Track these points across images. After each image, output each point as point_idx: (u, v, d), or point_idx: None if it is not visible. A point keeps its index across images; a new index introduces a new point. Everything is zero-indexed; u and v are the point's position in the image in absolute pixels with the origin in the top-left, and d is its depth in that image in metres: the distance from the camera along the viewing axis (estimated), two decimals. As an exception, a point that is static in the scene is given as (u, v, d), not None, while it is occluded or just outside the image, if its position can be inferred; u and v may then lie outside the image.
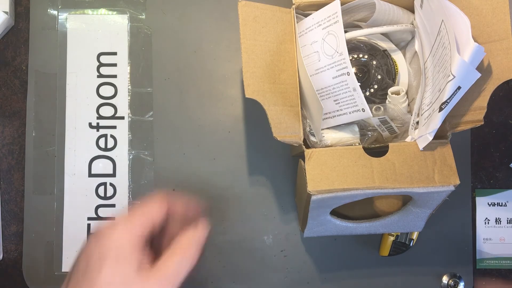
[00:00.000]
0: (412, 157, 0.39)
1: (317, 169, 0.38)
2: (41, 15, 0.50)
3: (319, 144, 0.41)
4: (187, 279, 0.33)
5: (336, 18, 0.38)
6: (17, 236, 0.49)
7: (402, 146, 0.39)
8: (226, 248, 0.49)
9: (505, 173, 0.50)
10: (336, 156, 0.39)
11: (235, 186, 0.50)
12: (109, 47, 0.50)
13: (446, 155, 0.38)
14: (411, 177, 0.38)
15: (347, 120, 0.40)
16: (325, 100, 0.40)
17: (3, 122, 0.50)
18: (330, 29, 0.38)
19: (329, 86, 0.39)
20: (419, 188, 0.38)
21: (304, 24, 0.41)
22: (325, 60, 0.38)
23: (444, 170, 0.38)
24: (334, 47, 0.38)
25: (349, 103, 0.39)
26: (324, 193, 0.38)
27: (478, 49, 0.34)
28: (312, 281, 0.49)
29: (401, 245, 0.48)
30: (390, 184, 0.38)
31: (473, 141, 0.50)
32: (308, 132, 0.41)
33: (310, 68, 0.40)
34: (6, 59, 0.50)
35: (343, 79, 0.38)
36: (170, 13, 0.51)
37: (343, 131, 0.42)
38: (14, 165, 0.50)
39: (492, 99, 0.50)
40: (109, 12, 0.51)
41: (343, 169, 0.39)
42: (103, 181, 0.49)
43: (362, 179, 0.38)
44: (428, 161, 0.38)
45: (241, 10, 0.38)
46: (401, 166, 0.39)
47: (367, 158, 0.39)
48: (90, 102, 0.50)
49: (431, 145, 0.39)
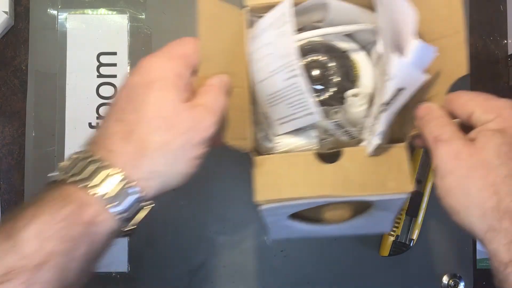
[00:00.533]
0: (365, 163, 0.36)
1: (266, 177, 0.37)
2: (41, 15, 0.50)
3: (274, 150, 0.40)
4: None
5: (286, 18, 0.36)
6: (17, 236, 0.49)
7: (355, 152, 0.37)
8: (226, 248, 0.49)
9: (505, 173, 0.50)
10: (287, 163, 0.37)
11: (235, 185, 0.50)
12: (109, 47, 0.50)
13: (401, 161, 0.36)
14: (363, 184, 0.36)
15: (301, 124, 0.38)
16: (279, 104, 0.38)
17: (3, 122, 0.50)
18: (281, 30, 0.36)
19: (282, 89, 0.37)
20: (372, 196, 0.36)
21: (258, 26, 0.39)
22: (276, 63, 0.36)
23: (398, 177, 0.36)
24: (284, 48, 0.36)
25: (301, 107, 0.37)
26: (272, 202, 0.37)
27: (422, 47, 0.31)
28: (312, 281, 0.49)
29: (401, 245, 0.48)
30: (342, 192, 0.36)
31: (473, 141, 0.50)
32: (263, 138, 0.40)
33: (264, 71, 0.38)
34: (6, 59, 0.50)
35: (293, 81, 0.36)
36: (170, 13, 0.51)
37: (299, 136, 0.40)
38: (14, 165, 0.50)
39: (492, 99, 0.50)
40: (109, 12, 0.51)
41: (294, 176, 0.37)
42: (103, 181, 0.49)
43: (312, 187, 0.36)
44: (382, 167, 0.36)
45: (201, 6, 0.35)
46: (353, 172, 0.36)
47: (319, 165, 0.37)
48: (90, 102, 0.50)
49: (387, 150, 0.36)
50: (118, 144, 0.30)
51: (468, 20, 0.50)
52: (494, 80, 0.50)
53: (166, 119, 0.30)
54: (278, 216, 0.39)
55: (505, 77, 0.50)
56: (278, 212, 0.38)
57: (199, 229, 0.49)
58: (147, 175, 0.30)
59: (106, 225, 0.29)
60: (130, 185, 0.29)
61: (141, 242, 0.49)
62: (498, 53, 0.50)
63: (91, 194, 0.29)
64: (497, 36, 0.51)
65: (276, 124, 0.40)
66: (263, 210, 0.37)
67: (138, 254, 0.49)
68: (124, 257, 0.49)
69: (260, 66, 0.38)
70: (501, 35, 0.51)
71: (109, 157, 0.30)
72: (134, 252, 0.49)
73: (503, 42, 0.51)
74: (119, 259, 0.49)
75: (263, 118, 0.41)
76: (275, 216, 0.39)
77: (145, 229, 0.49)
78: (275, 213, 0.39)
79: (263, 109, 0.40)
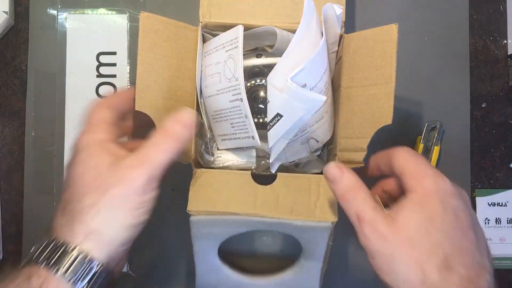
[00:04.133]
0: (297, 189, 0.39)
1: (201, 190, 0.38)
2: (40, 15, 0.50)
3: (214, 163, 0.41)
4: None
5: (237, 43, 0.37)
6: (17, 236, 0.49)
7: (289, 177, 0.39)
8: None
9: (505, 173, 0.50)
10: (223, 179, 0.39)
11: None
12: (109, 47, 0.50)
13: (330, 192, 0.37)
14: (291, 209, 0.38)
15: (240, 145, 0.40)
16: (223, 122, 0.40)
17: (3, 122, 0.50)
18: (231, 53, 0.38)
19: (226, 109, 0.39)
20: (298, 221, 0.38)
21: (211, 44, 0.40)
22: (224, 83, 0.38)
23: (325, 206, 0.38)
24: (232, 71, 0.37)
25: (242, 129, 0.39)
26: (203, 214, 0.38)
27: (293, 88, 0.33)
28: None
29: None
30: (269, 213, 0.38)
31: (473, 141, 0.50)
32: (203, 151, 0.41)
33: (212, 89, 0.39)
34: (6, 59, 0.50)
35: (237, 104, 0.37)
36: (170, 13, 0.51)
37: (239, 154, 0.41)
38: (14, 165, 0.50)
39: (492, 99, 0.51)
40: (108, 12, 0.51)
41: (228, 193, 0.38)
42: (102, 181, 0.49)
43: (244, 205, 0.38)
44: (312, 195, 0.38)
45: (143, 21, 0.37)
46: (284, 197, 0.38)
47: (253, 185, 0.39)
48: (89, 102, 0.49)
49: (318, 180, 0.39)
50: (57, 221, 0.33)
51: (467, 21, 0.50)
52: (494, 80, 0.50)
53: (90, 183, 0.32)
54: (208, 240, 0.40)
55: (505, 77, 0.50)
56: (207, 231, 0.39)
57: (199, 229, 0.49)
58: (86, 237, 0.31)
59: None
60: (76, 252, 0.31)
61: (141, 242, 0.49)
62: (498, 53, 0.50)
63: (41, 267, 0.31)
64: (497, 36, 0.51)
65: (218, 139, 0.42)
66: (193, 222, 0.38)
67: (138, 254, 0.49)
68: (124, 257, 0.49)
69: (208, 82, 0.40)
70: (501, 35, 0.51)
71: (51, 234, 0.32)
72: (134, 252, 0.49)
73: (503, 42, 0.51)
74: (119, 259, 0.49)
75: (207, 131, 0.42)
76: (204, 239, 0.40)
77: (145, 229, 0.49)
78: (204, 233, 0.40)
79: (208, 122, 0.41)
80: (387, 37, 0.36)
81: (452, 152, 0.49)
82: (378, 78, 0.37)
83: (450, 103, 0.50)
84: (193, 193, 0.38)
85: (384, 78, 0.36)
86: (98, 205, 0.31)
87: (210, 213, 0.38)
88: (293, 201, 0.38)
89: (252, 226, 0.39)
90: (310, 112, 0.35)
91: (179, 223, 0.49)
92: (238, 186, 0.38)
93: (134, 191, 0.32)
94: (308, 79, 0.34)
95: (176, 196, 0.49)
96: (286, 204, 0.38)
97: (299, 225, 0.38)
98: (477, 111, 0.50)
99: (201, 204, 0.38)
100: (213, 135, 0.42)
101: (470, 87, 0.50)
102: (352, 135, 0.38)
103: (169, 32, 0.38)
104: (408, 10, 0.50)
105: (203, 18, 0.40)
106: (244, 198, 0.38)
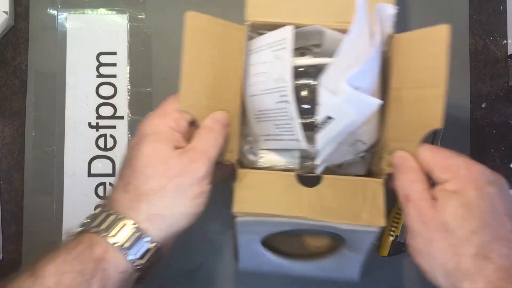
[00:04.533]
0: (343, 192, 0.38)
1: (247, 191, 0.38)
2: (40, 15, 0.50)
3: (257, 164, 0.41)
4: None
5: (286, 44, 0.36)
6: (17, 236, 0.49)
7: (335, 180, 0.38)
8: (226, 248, 0.49)
9: (505, 173, 0.50)
10: (268, 181, 0.38)
11: (235, 186, 0.50)
12: (109, 47, 0.50)
13: (377, 195, 0.37)
14: (338, 212, 0.37)
15: (285, 146, 0.39)
16: (267, 122, 0.39)
17: (3, 122, 0.50)
18: (279, 54, 0.37)
19: (271, 110, 0.38)
20: (344, 225, 0.37)
21: (257, 42, 0.40)
22: (270, 83, 0.37)
23: (372, 210, 0.37)
24: (280, 72, 0.36)
25: (287, 131, 0.38)
26: (249, 215, 0.38)
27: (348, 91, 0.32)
28: (312, 281, 0.49)
29: (401, 245, 0.48)
30: (316, 216, 0.37)
31: (473, 141, 0.50)
32: (247, 151, 0.41)
33: (257, 88, 0.39)
34: (6, 59, 0.50)
35: (284, 106, 0.37)
36: (170, 13, 0.51)
37: (283, 155, 0.41)
38: (14, 165, 0.50)
39: (492, 99, 0.50)
40: (108, 12, 0.51)
41: (273, 194, 0.38)
42: (102, 181, 0.49)
43: (289, 207, 0.38)
44: (358, 198, 0.38)
45: (188, 20, 0.37)
46: (330, 199, 0.38)
47: (298, 187, 0.38)
48: (89, 102, 0.50)
49: (365, 183, 0.38)
50: (119, 195, 0.34)
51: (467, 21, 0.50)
52: (494, 80, 0.50)
53: (157, 167, 0.34)
54: (252, 235, 0.40)
55: (505, 77, 0.50)
56: (252, 229, 0.39)
57: (199, 229, 0.49)
58: (148, 217, 0.33)
59: (116, 263, 0.32)
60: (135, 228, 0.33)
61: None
62: (498, 53, 0.50)
63: (101, 236, 0.32)
64: (497, 36, 0.51)
65: (261, 138, 0.41)
66: (239, 222, 0.38)
67: (138, 254, 0.49)
68: (123, 257, 0.49)
69: (252, 81, 0.39)
70: (501, 35, 0.51)
71: (112, 207, 0.34)
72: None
73: (503, 42, 0.51)
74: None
75: (250, 131, 0.41)
76: (249, 234, 0.40)
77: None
78: (249, 230, 0.39)
79: (251, 122, 0.41)
80: (438, 38, 0.35)
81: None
82: (427, 80, 0.36)
83: (450, 103, 0.50)
84: (238, 194, 0.38)
85: (435, 80, 0.35)
86: (165, 190, 0.33)
87: (256, 215, 0.38)
88: (339, 204, 0.37)
89: (297, 226, 0.39)
90: (363, 115, 0.34)
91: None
92: (283, 187, 0.38)
93: (197, 181, 0.34)
94: (362, 81, 0.33)
95: (176, 196, 0.49)
96: (332, 207, 0.37)
97: (345, 228, 0.38)
98: (477, 111, 0.50)
99: (247, 205, 0.38)
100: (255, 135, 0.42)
101: (470, 87, 0.50)
102: (401, 138, 0.37)
103: (214, 31, 0.38)
104: (408, 10, 0.50)
105: (249, 17, 0.39)
106: (289, 200, 0.38)
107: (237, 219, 0.38)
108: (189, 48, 0.37)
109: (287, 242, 0.45)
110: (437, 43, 0.35)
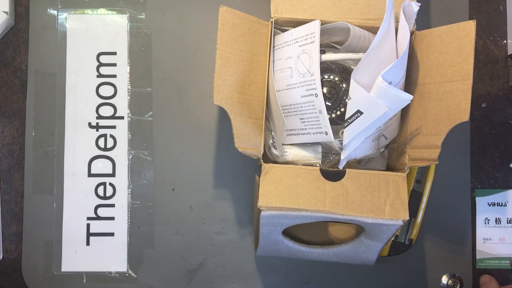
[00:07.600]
0: (366, 186, 0.38)
1: (271, 185, 0.38)
2: (40, 15, 0.50)
3: (280, 158, 0.41)
4: None
5: (313, 38, 0.37)
6: (17, 236, 0.49)
7: (358, 174, 0.39)
8: (226, 248, 0.49)
9: (505, 173, 0.50)
10: (292, 175, 0.38)
11: (235, 185, 0.50)
12: (109, 47, 0.50)
13: (400, 189, 0.38)
14: (362, 206, 0.38)
15: (310, 140, 0.40)
16: (292, 117, 0.40)
17: (3, 122, 0.50)
18: (305, 48, 0.38)
19: (297, 104, 0.39)
20: (368, 218, 0.38)
21: (281, 38, 0.40)
22: (296, 78, 0.38)
23: (395, 203, 0.38)
24: (307, 66, 0.37)
25: (313, 124, 0.38)
26: (274, 210, 0.38)
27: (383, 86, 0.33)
28: (312, 281, 0.49)
29: (401, 245, 0.48)
30: (340, 210, 0.38)
31: (473, 141, 0.50)
32: (271, 145, 0.41)
33: (282, 83, 0.39)
34: (6, 59, 0.50)
35: (311, 99, 0.37)
36: (170, 13, 0.51)
37: (306, 149, 0.41)
38: (14, 165, 0.50)
39: (492, 99, 0.50)
40: (108, 12, 0.51)
41: (297, 188, 0.38)
42: (102, 181, 0.49)
43: (313, 201, 0.38)
44: (381, 192, 0.38)
45: (222, 16, 0.37)
46: (354, 193, 0.38)
47: (322, 181, 0.38)
48: (89, 102, 0.50)
49: (388, 177, 0.38)
50: None
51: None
52: (494, 80, 0.50)
53: None
54: (275, 226, 0.40)
55: (505, 77, 0.50)
56: (276, 221, 0.39)
57: (199, 229, 0.49)
58: None
59: None
60: None
61: (141, 242, 0.49)
62: (498, 53, 0.50)
63: None
64: (497, 36, 0.51)
65: (284, 133, 0.41)
66: (263, 216, 0.38)
67: (138, 254, 0.49)
68: (123, 257, 0.49)
69: (277, 77, 0.40)
70: (501, 35, 0.51)
71: None
72: (134, 252, 0.49)
73: (503, 42, 0.51)
74: (119, 259, 0.49)
75: (273, 126, 0.41)
76: (271, 226, 0.40)
77: (145, 229, 0.49)
78: (272, 222, 0.39)
79: (275, 117, 0.41)
80: (464, 34, 0.36)
81: (452, 152, 0.49)
82: (454, 75, 0.37)
83: (450, 103, 0.50)
84: (263, 188, 0.38)
85: (461, 75, 0.36)
86: None
87: (280, 209, 0.38)
88: (363, 198, 0.38)
89: (320, 219, 0.39)
90: (394, 110, 0.35)
91: (179, 222, 0.49)
92: (308, 182, 0.38)
93: None
94: (394, 76, 0.34)
95: (176, 196, 0.49)
96: (356, 201, 0.38)
97: (369, 222, 0.38)
98: (477, 111, 0.50)
99: (272, 199, 0.38)
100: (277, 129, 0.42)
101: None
102: (425, 132, 0.38)
103: (244, 27, 0.39)
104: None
105: (274, 13, 0.40)
106: (314, 194, 0.38)
107: (262, 213, 0.38)
108: (222, 43, 0.37)
109: (306, 229, 0.45)
110: (464, 39, 0.36)
